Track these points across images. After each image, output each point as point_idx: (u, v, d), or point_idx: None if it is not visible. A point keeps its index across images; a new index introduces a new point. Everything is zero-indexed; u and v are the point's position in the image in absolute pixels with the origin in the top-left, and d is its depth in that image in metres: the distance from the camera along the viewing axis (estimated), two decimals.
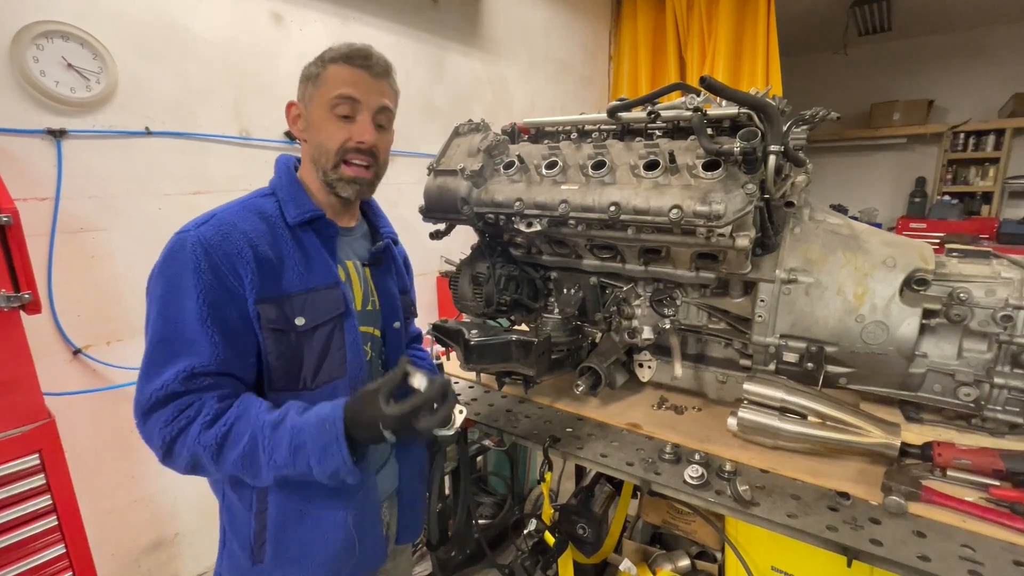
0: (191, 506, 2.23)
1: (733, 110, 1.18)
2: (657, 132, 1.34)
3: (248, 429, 0.85)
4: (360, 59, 0.98)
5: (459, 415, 1.06)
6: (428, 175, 1.48)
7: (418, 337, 1.41)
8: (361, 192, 1.05)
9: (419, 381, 0.87)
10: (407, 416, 0.83)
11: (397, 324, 1.17)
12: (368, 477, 1.06)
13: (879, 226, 1.29)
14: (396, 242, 1.23)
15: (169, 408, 0.85)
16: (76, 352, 1.84)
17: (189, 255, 0.88)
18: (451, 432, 1.03)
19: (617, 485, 1.72)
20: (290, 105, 1.05)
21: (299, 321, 0.94)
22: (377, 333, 1.14)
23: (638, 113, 1.35)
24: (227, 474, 0.89)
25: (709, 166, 1.12)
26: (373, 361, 1.13)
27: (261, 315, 0.91)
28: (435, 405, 0.86)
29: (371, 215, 1.21)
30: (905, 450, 1.10)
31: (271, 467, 0.85)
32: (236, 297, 0.90)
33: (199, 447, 0.84)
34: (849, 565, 0.91)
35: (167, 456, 0.87)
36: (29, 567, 1.35)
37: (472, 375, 1.66)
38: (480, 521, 2.41)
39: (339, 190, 1.03)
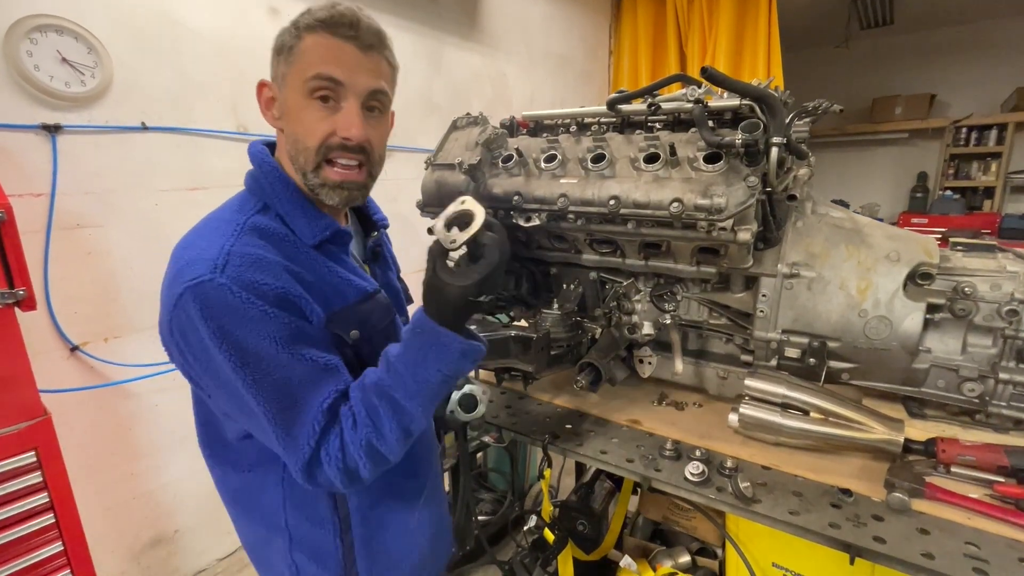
0: (191, 503, 2.23)
1: (735, 102, 1.17)
2: (657, 125, 1.32)
3: (376, 394, 0.78)
4: (345, 27, 0.78)
5: (483, 396, 1.13)
6: (426, 169, 1.46)
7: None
8: (351, 198, 0.86)
9: (442, 224, 0.78)
10: (490, 273, 0.76)
11: (403, 319, 1.10)
12: (436, 470, 1.06)
13: (881, 221, 1.28)
14: (386, 227, 1.11)
15: (326, 444, 0.77)
16: (73, 349, 1.84)
17: (242, 305, 0.72)
18: (480, 415, 1.10)
19: (617, 481, 1.71)
20: (261, 85, 0.85)
21: (353, 334, 0.86)
22: None
23: (638, 105, 1.33)
24: (398, 444, 0.79)
25: (710, 159, 1.10)
26: None
27: (336, 334, 0.84)
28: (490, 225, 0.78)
29: (361, 207, 1.07)
30: (908, 446, 1.09)
31: (413, 398, 0.77)
32: (304, 320, 0.79)
33: (364, 444, 0.77)
34: (852, 563, 0.90)
35: (351, 484, 0.80)
36: (26, 564, 1.35)
37: (471, 371, 1.65)
38: (480, 517, 2.40)
39: (323, 197, 0.84)
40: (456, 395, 1.15)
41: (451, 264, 0.77)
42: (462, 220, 0.78)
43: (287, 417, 0.75)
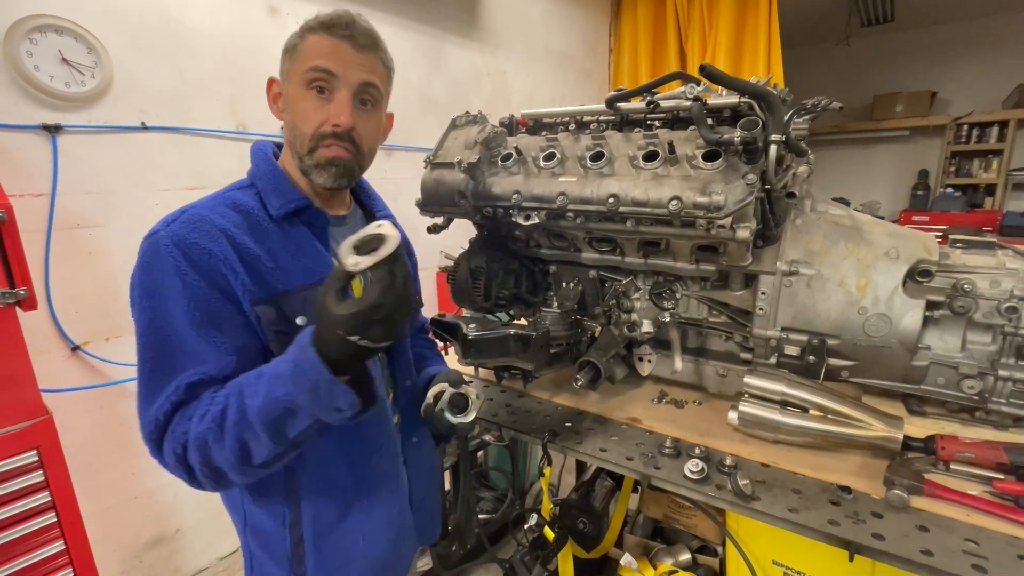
0: (192, 502, 2.23)
1: (733, 99, 1.17)
2: (656, 122, 1.32)
3: (233, 392, 0.77)
4: (341, 27, 0.86)
5: (476, 400, 1.02)
6: (425, 168, 1.47)
7: (424, 327, 1.36)
8: (338, 176, 0.91)
9: (353, 261, 0.67)
10: (364, 313, 0.67)
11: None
12: (398, 473, 1.03)
13: (882, 219, 1.27)
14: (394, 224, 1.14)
15: (172, 423, 0.77)
16: (74, 348, 1.84)
17: (166, 258, 0.79)
18: (468, 420, 0.98)
19: (618, 480, 1.71)
20: (271, 82, 0.95)
21: (300, 321, 0.86)
22: None
23: (637, 103, 1.33)
24: (234, 463, 0.76)
25: (709, 156, 1.10)
26: (378, 357, 1.05)
27: (261, 318, 0.84)
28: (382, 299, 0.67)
29: (364, 199, 1.11)
30: (908, 444, 1.09)
31: (257, 413, 0.73)
32: (226, 296, 0.81)
33: (202, 438, 0.75)
34: (851, 560, 0.90)
35: (189, 477, 0.78)
36: (29, 563, 1.35)
37: (471, 370, 1.65)
38: (480, 516, 2.41)
39: (314, 177, 0.91)
40: (449, 393, 1.04)
41: (338, 289, 0.70)
42: (372, 246, 0.70)
43: (154, 379, 0.78)
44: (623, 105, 1.33)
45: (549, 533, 1.43)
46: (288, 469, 0.88)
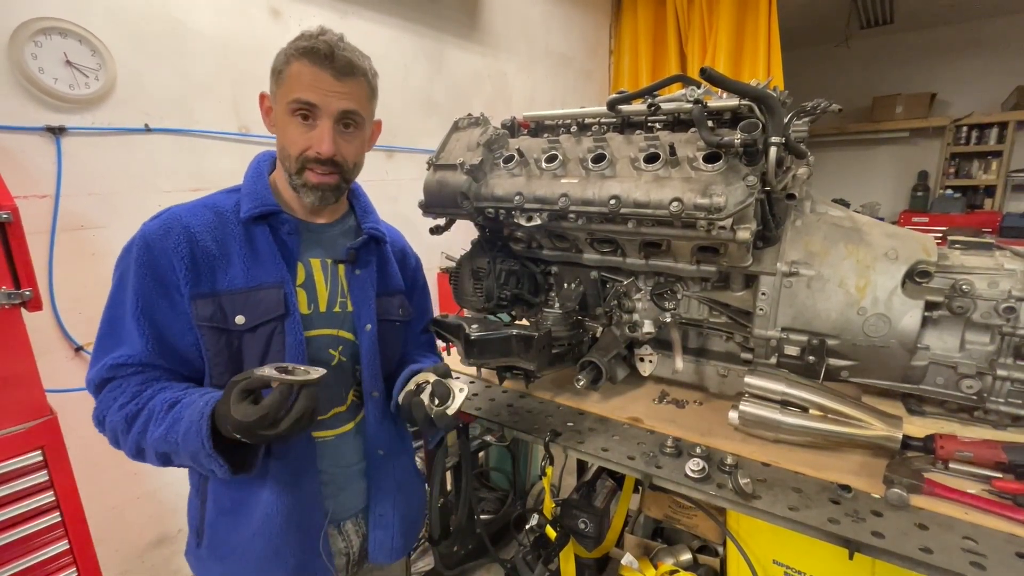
0: None
1: (734, 102, 1.18)
2: (657, 125, 1.33)
3: (147, 407, 0.87)
4: (321, 56, 0.90)
5: (459, 393, 0.98)
6: (427, 170, 1.47)
7: (430, 343, 1.34)
8: (325, 198, 1.00)
9: (270, 373, 0.77)
10: (254, 425, 0.74)
11: (369, 327, 1.07)
12: (311, 481, 1.01)
13: (881, 220, 1.28)
14: (383, 240, 1.13)
15: (103, 392, 0.91)
16: (78, 349, 1.85)
17: (134, 251, 0.91)
18: (448, 411, 0.95)
19: (619, 480, 1.72)
20: (262, 97, 1.00)
21: (239, 320, 0.92)
22: (350, 336, 1.07)
23: (638, 106, 1.34)
24: (134, 454, 0.91)
25: (710, 158, 1.11)
26: (344, 365, 1.06)
27: (196, 311, 0.90)
28: (282, 412, 0.76)
29: (357, 209, 1.14)
30: (907, 443, 1.09)
31: (153, 444, 0.86)
32: (170, 292, 0.90)
33: (113, 424, 0.88)
34: (851, 558, 0.91)
35: (110, 439, 0.92)
36: (33, 563, 1.35)
37: (473, 370, 1.66)
38: (482, 516, 2.41)
39: (302, 196, 0.99)
40: (432, 382, 1.01)
41: (246, 389, 0.78)
42: (297, 373, 0.80)
43: (100, 347, 0.93)
44: (624, 107, 1.34)
45: (551, 532, 1.43)
46: None
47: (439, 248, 1.60)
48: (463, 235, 1.70)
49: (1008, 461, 1.00)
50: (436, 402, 0.98)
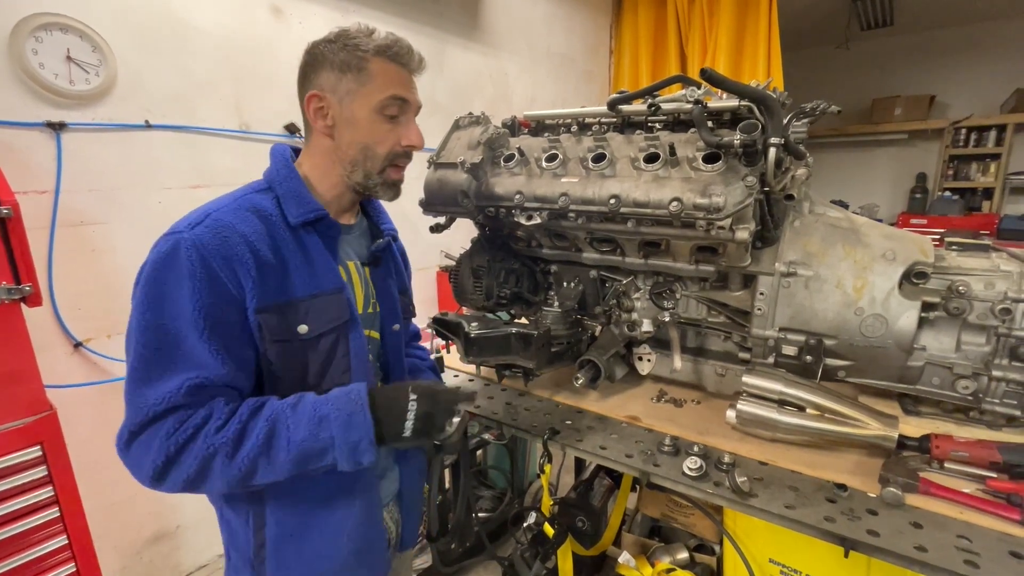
0: (192, 499, 2.23)
1: (733, 103, 1.18)
2: (657, 125, 1.34)
3: (265, 417, 0.82)
4: (405, 56, 0.94)
5: (455, 418, 1.00)
6: (428, 168, 1.48)
7: (416, 335, 1.38)
8: (397, 194, 1.02)
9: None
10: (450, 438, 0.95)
11: (396, 327, 1.11)
12: (372, 485, 1.02)
13: (880, 221, 1.29)
14: (395, 238, 1.17)
15: (170, 420, 0.78)
16: (77, 345, 1.85)
17: (184, 261, 0.80)
18: (447, 436, 0.99)
19: (616, 479, 1.73)
20: (311, 96, 0.93)
21: (302, 329, 0.88)
22: (376, 335, 1.09)
23: (638, 106, 1.35)
24: (233, 479, 0.81)
25: (709, 159, 1.12)
26: (372, 364, 1.07)
27: (263, 325, 0.85)
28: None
29: (371, 210, 1.14)
30: (903, 442, 1.10)
31: (289, 448, 0.81)
32: (236, 306, 0.83)
33: (212, 449, 0.78)
34: (846, 556, 0.92)
35: (162, 473, 0.79)
36: (31, 558, 1.36)
37: (472, 368, 1.66)
38: (480, 514, 2.42)
39: (379, 194, 0.99)
40: None
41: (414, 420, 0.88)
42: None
43: (151, 373, 0.79)
44: (625, 107, 1.35)
45: (549, 530, 1.44)
46: None
47: (439, 246, 1.60)
48: (463, 234, 1.70)
49: (1003, 461, 1.01)
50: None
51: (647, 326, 1.42)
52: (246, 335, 0.85)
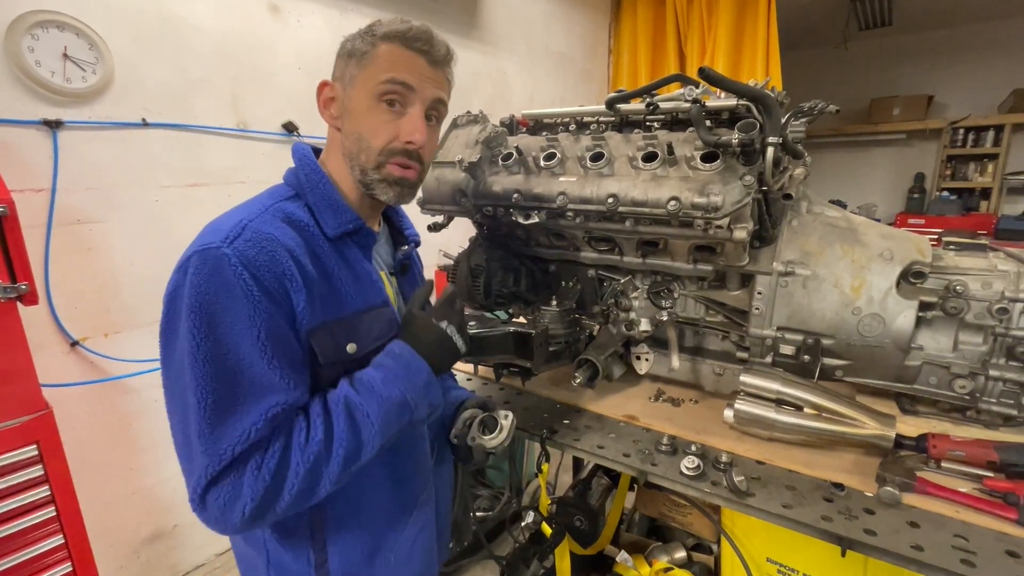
0: None
1: (732, 102, 1.18)
2: (656, 124, 1.34)
3: (335, 402, 0.78)
4: (421, 41, 0.83)
5: (505, 421, 1.03)
6: None
7: None
8: (403, 195, 0.89)
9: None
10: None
11: None
12: (429, 500, 1.01)
13: (877, 221, 1.29)
14: (418, 243, 1.10)
15: (254, 457, 0.71)
16: (73, 344, 1.84)
17: (233, 280, 0.71)
18: (499, 442, 1.00)
19: (614, 478, 1.73)
20: (323, 85, 0.88)
21: (351, 348, 0.82)
22: None
23: (637, 105, 1.34)
24: (334, 474, 0.76)
25: (707, 158, 1.12)
26: None
27: (315, 347, 0.79)
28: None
29: (392, 215, 1.06)
30: (900, 442, 1.10)
31: (371, 420, 0.77)
32: (291, 325, 0.77)
33: (312, 458, 0.73)
34: (843, 555, 0.92)
35: (262, 509, 0.71)
36: (27, 557, 1.35)
37: (470, 367, 1.66)
38: (478, 513, 2.42)
39: (377, 192, 0.87)
40: (478, 419, 1.05)
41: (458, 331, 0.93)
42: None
43: (219, 412, 0.70)
44: (623, 106, 1.35)
45: (546, 529, 1.44)
46: (314, 508, 0.83)
47: (437, 245, 1.60)
48: (461, 232, 1.70)
49: (999, 460, 1.01)
50: (487, 432, 1.03)
51: (645, 325, 1.42)
52: (301, 354, 0.79)
